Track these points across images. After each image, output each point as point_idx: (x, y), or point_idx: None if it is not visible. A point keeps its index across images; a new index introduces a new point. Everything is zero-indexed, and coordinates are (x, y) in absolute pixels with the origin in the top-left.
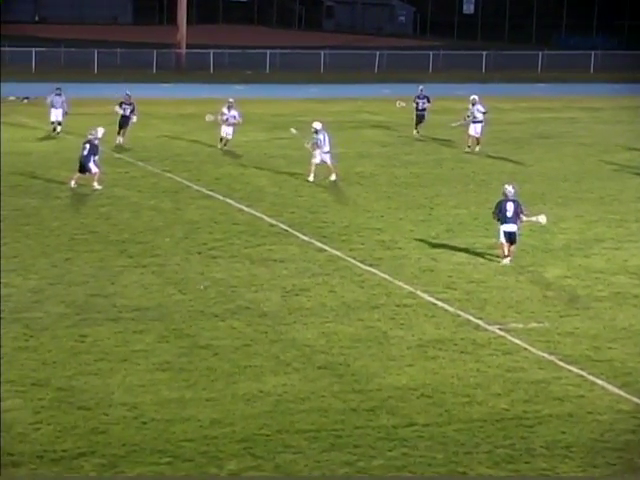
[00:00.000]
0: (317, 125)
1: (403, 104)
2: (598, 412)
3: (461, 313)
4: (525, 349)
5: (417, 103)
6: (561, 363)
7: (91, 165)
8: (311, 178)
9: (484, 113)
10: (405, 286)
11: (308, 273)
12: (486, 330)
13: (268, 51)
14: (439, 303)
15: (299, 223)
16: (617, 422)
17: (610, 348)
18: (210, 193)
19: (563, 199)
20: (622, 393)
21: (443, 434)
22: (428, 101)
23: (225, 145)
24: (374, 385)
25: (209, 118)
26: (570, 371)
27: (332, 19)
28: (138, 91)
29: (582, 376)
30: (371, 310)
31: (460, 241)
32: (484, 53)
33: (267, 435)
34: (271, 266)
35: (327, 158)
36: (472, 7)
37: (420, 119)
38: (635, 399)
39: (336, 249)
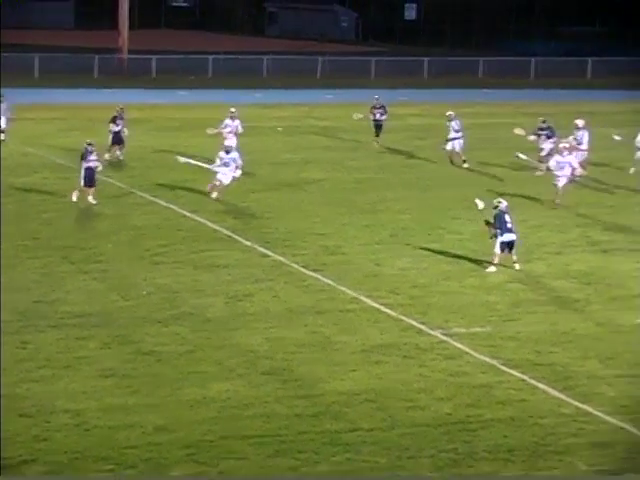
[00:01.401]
0: (230, 143)
1: (360, 115)
2: (540, 416)
3: (405, 318)
4: (468, 353)
5: (374, 114)
6: (503, 367)
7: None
8: (215, 195)
9: (457, 131)
10: (349, 291)
11: (252, 279)
12: (429, 335)
13: (211, 57)
14: (383, 308)
15: (243, 229)
16: (558, 426)
17: (552, 352)
18: (154, 199)
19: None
20: (563, 397)
21: (387, 439)
22: (385, 111)
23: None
24: (318, 390)
25: (211, 131)
26: (512, 375)
27: (275, 24)
28: (80, 97)
29: (524, 380)
30: (315, 315)
31: (404, 246)
32: (426, 59)
33: (211, 441)
34: (215, 272)
35: (228, 178)
36: (414, 13)
37: (378, 129)
38: (576, 403)
39: (280, 254)
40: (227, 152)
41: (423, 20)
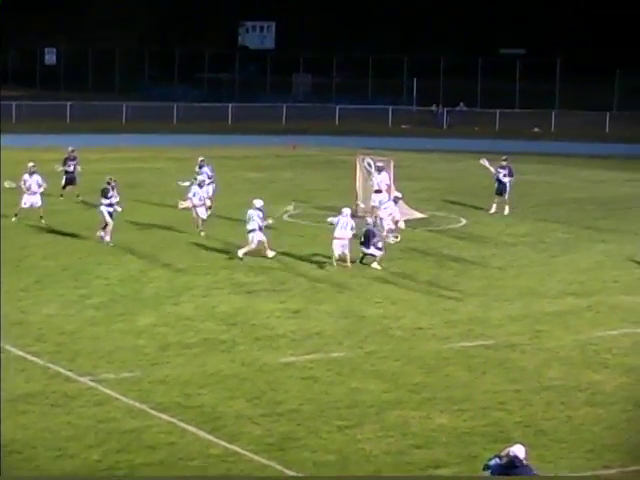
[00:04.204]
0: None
1: (61, 168)
2: (189, 458)
3: (52, 366)
4: (117, 399)
5: (68, 165)
6: (152, 411)
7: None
8: None
9: (210, 177)
10: None
11: None
12: (77, 382)
13: None
14: (29, 357)
15: None
16: (208, 467)
17: (200, 394)
18: None
19: (153, 248)
20: (212, 438)
21: None
22: (78, 162)
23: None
24: None
25: (9, 185)
26: (161, 419)
27: None
28: None
29: (173, 423)
30: None
31: (50, 292)
32: (68, 104)
33: None
34: None
35: None
36: (54, 58)
37: (70, 181)
38: (224, 443)
39: None
40: None
41: (64, 65)
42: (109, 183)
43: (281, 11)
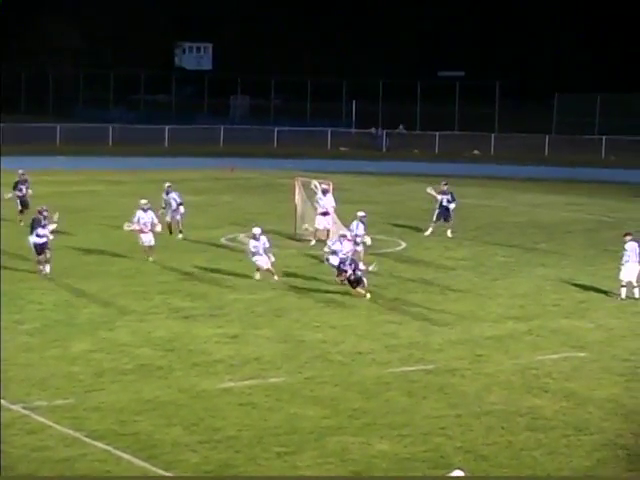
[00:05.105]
0: None
1: (10, 194)
2: None
3: None
4: (50, 427)
5: (19, 188)
6: (87, 439)
7: None
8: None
9: (180, 204)
10: None
11: None
12: (10, 410)
13: None
14: None
15: None
16: None
17: (136, 421)
18: None
19: (87, 273)
20: (148, 466)
21: None
22: (28, 186)
23: None
24: None
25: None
26: (96, 447)
27: None
28: None
29: (108, 451)
30: None
31: None
32: (1, 125)
33: None
34: None
35: None
36: None
37: (24, 205)
38: (161, 471)
39: None
40: None
41: None
42: (40, 212)
43: (218, 32)
